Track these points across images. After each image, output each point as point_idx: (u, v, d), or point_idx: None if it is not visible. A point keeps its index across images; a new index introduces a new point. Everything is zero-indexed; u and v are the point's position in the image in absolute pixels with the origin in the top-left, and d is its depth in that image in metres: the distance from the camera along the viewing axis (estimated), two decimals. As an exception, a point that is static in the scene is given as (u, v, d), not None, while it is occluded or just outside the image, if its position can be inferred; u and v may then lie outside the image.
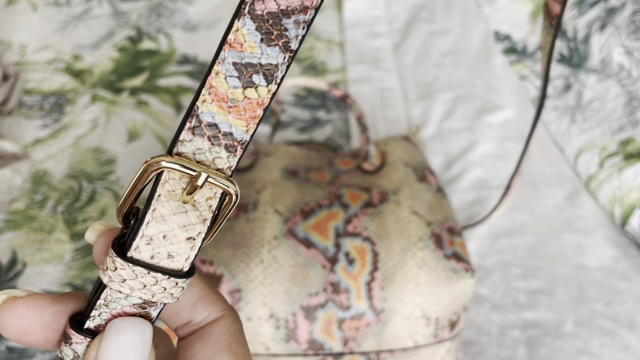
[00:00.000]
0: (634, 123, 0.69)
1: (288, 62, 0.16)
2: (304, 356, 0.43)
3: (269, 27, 0.16)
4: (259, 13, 0.16)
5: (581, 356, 0.53)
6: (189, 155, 0.17)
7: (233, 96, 0.16)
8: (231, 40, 0.16)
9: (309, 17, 0.16)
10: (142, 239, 0.17)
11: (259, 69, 0.16)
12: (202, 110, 0.17)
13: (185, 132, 0.17)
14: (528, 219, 0.66)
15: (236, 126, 0.17)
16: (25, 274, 0.60)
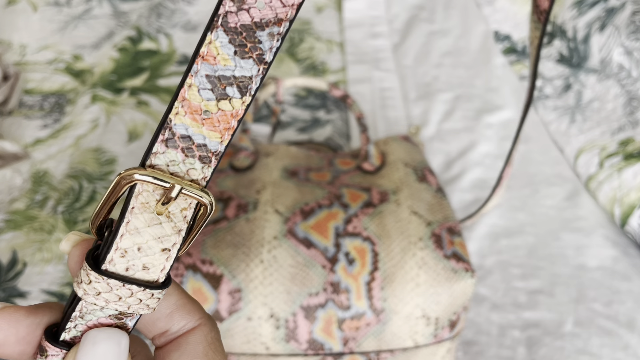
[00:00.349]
0: (633, 123, 0.69)
1: (262, 73, 0.16)
2: (304, 356, 0.43)
3: (243, 40, 0.16)
4: (232, 25, 0.15)
5: (581, 356, 0.53)
6: (162, 167, 0.17)
7: (207, 108, 0.16)
8: (204, 53, 0.16)
9: (283, 30, 0.16)
10: (116, 252, 0.17)
11: (233, 81, 0.16)
12: (175, 122, 0.17)
13: (158, 144, 0.17)
14: (528, 219, 0.66)
15: (210, 138, 0.17)
16: (26, 273, 0.60)
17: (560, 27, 0.81)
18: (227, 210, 0.45)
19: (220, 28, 0.15)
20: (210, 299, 0.41)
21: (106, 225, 0.18)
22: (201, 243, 0.43)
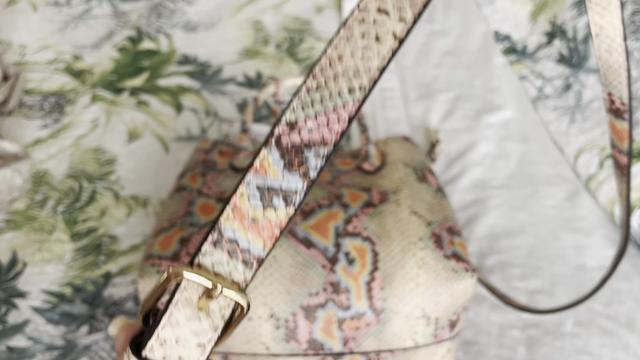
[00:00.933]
0: (633, 123, 0.69)
1: (306, 189, 0.18)
2: (304, 356, 0.43)
3: (292, 157, 0.18)
4: (285, 144, 0.18)
5: (581, 356, 0.53)
6: (208, 267, 0.18)
7: (254, 216, 0.18)
8: (257, 166, 0.18)
9: (328, 151, 0.18)
10: (156, 340, 0.18)
11: (280, 193, 0.18)
12: (224, 226, 0.18)
13: (207, 245, 0.18)
14: (528, 219, 0.66)
15: (254, 243, 0.18)
16: (26, 273, 0.60)
17: (560, 27, 0.81)
18: (227, 210, 0.45)
19: (274, 146, 0.18)
20: (210, 299, 0.41)
21: (152, 313, 0.20)
22: (201, 243, 0.43)
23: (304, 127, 0.18)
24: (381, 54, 0.18)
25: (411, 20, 0.18)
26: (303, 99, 0.18)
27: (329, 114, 0.18)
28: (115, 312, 0.57)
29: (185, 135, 0.76)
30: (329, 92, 0.18)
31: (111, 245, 0.63)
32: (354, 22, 0.18)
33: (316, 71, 0.18)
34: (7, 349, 0.54)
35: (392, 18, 0.18)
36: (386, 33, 0.18)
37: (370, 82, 0.18)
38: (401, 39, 0.18)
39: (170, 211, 0.47)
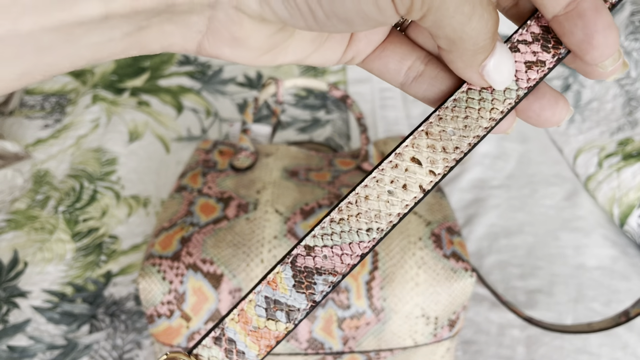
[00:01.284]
0: (632, 123, 0.69)
1: (309, 309, 0.19)
2: (304, 355, 0.44)
3: (302, 278, 0.19)
4: (298, 265, 0.19)
5: (580, 355, 0.53)
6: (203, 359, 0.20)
7: (256, 323, 0.20)
8: (270, 279, 0.19)
9: (336, 280, 0.19)
10: None
11: (284, 308, 0.19)
12: (228, 325, 0.20)
13: (209, 339, 0.20)
14: (527, 219, 0.66)
15: (250, 348, 0.20)
16: (27, 273, 0.60)
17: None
18: (227, 210, 0.46)
19: (289, 264, 0.19)
20: (211, 299, 0.42)
21: None
22: (202, 243, 0.43)
23: (320, 254, 0.19)
24: (404, 203, 0.20)
25: (440, 174, 0.20)
26: (325, 228, 0.20)
27: (344, 247, 0.19)
28: (116, 312, 0.57)
29: (186, 135, 0.77)
30: (349, 227, 0.20)
31: (112, 244, 0.63)
32: (387, 165, 0.20)
33: (343, 206, 0.20)
34: (8, 348, 0.54)
35: (423, 169, 0.20)
36: (414, 183, 0.20)
37: (388, 226, 0.20)
38: (426, 191, 0.20)
39: (171, 211, 0.47)
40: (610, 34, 0.18)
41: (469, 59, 0.19)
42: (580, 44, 0.19)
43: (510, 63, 0.19)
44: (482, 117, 0.20)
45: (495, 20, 0.18)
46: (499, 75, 0.19)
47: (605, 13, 0.18)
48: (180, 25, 0.18)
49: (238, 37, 0.19)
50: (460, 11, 0.17)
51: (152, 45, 0.18)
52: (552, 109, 0.21)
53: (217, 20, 0.18)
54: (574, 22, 0.18)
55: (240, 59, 0.20)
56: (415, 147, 0.20)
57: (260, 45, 0.20)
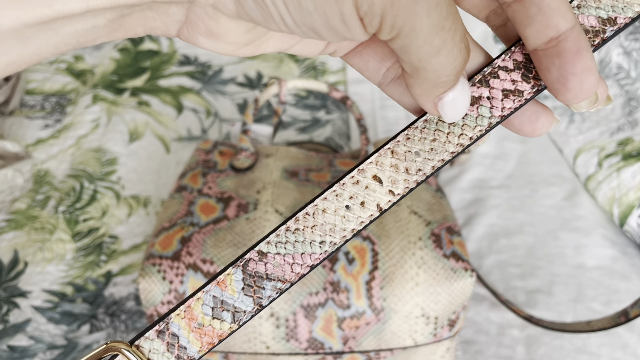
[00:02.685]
0: (632, 123, 0.69)
1: (254, 312, 0.20)
2: (304, 355, 0.44)
3: (252, 282, 0.20)
4: (249, 269, 0.20)
5: (580, 355, 0.53)
6: (144, 351, 0.20)
7: (202, 321, 0.20)
8: (220, 279, 0.20)
9: (285, 287, 0.20)
10: None
11: (230, 308, 0.20)
12: (173, 320, 0.20)
13: (152, 332, 0.20)
14: (527, 219, 0.66)
15: (192, 344, 0.20)
16: (27, 273, 0.60)
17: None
18: (227, 210, 0.46)
19: (240, 268, 0.20)
20: (211, 298, 0.42)
21: None
22: (202, 243, 0.43)
23: (271, 260, 0.20)
24: (360, 219, 0.20)
25: (400, 195, 0.20)
26: (280, 236, 0.20)
27: (296, 257, 0.20)
28: (116, 312, 0.57)
29: (186, 136, 0.77)
30: (303, 238, 0.20)
31: (112, 244, 0.63)
32: (348, 181, 0.20)
33: (300, 216, 0.20)
34: (9, 348, 0.54)
35: (383, 188, 0.20)
36: (372, 201, 0.20)
37: (341, 241, 0.20)
38: (382, 210, 0.20)
39: (171, 211, 0.47)
40: (587, 78, 0.18)
41: (427, 89, 0.18)
42: (555, 83, 0.18)
43: (467, 99, 0.19)
44: (449, 141, 0.20)
45: (465, 58, 0.17)
46: (453, 110, 0.19)
47: (586, 56, 0.17)
48: (160, 13, 0.18)
49: (215, 32, 0.19)
50: (429, 43, 0.16)
51: (136, 29, 0.18)
52: (532, 125, 0.20)
53: (195, 14, 0.18)
54: (552, 59, 0.18)
55: (218, 50, 0.20)
56: (379, 165, 0.20)
57: (238, 40, 0.20)
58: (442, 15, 0.16)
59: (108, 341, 0.20)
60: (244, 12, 0.17)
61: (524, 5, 0.18)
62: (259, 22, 0.17)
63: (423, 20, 0.15)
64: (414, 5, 0.15)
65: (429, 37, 0.16)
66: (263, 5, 0.16)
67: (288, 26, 0.17)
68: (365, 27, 0.16)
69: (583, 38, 0.18)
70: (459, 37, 0.17)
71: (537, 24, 0.18)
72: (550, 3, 0.18)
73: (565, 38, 0.18)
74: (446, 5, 0.16)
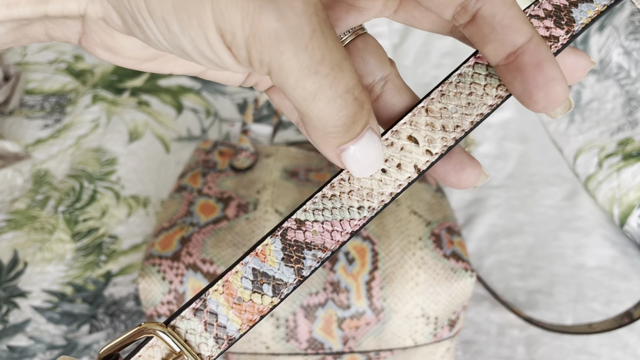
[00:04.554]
0: (632, 123, 0.69)
1: (296, 284, 0.19)
2: (304, 355, 0.44)
3: (292, 252, 0.19)
4: (289, 238, 0.19)
5: (580, 355, 0.53)
6: (181, 332, 0.19)
7: (241, 295, 0.19)
8: (259, 250, 0.19)
9: (325, 256, 0.19)
10: None
11: (271, 281, 0.19)
12: (211, 297, 0.19)
13: (188, 311, 0.19)
14: (527, 219, 0.66)
15: (232, 322, 0.19)
16: (27, 273, 0.60)
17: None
18: (227, 210, 0.46)
19: (279, 237, 0.19)
20: (211, 298, 0.42)
21: (112, 358, 0.19)
22: (202, 243, 0.43)
23: (310, 228, 0.19)
24: (397, 182, 0.19)
25: (438, 154, 0.19)
26: (317, 203, 0.19)
27: (334, 224, 0.19)
28: (116, 312, 0.57)
29: (186, 136, 0.77)
30: (340, 204, 0.19)
31: (112, 244, 0.63)
32: (382, 144, 0.19)
33: (335, 182, 0.19)
34: (8, 348, 0.54)
35: (420, 148, 0.19)
36: (409, 163, 0.19)
37: (379, 205, 0.19)
38: (421, 171, 0.19)
39: (171, 211, 0.47)
40: (552, 89, 0.17)
41: (320, 137, 0.17)
42: (521, 97, 0.18)
43: (374, 156, 0.17)
44: (487, 94, 0.19)
45: (353, 111, 0.16)
46: (356, 165, 0.17)
47: (548, 66, 0.17)
48: (59, 24, 0.18)
49: (111, 46, 0.19)
50: (301, 86, 0.15)
51: (40, 37, 0.18)
52: (457, 175, 0.20)
53: (89, 28, 0.18)
54: (513, 74, 0.18)
55: (118, 63, 0.20)
56: (414, 125, 0.19)
57: (136, 55, 0.19)
58: (314, 59, 0.15)
59: (142, 323, 0.19)
60: (129, 29, 0.17)
61: (478, 26, 0.18)
62: (143, 41, 0.17)
63: (290, 61, 0.15)
64: (278, 43, 0.14)
65: (300, 80, 0.15)
66: (138, 23, 0.16)
67: (165, 47, 0.16)
68: (236, 58, 0.15)
69: (543, 49, 0.17)
70: (343, 87, 0.15)
71: (493, 42, 0.18)
72: (501, 20, 0.18)
73: (523, 52, 0.17)
74: (321, 50, 0.15)
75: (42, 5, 0.17)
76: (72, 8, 0.17)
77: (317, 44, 0.15)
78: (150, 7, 0.15)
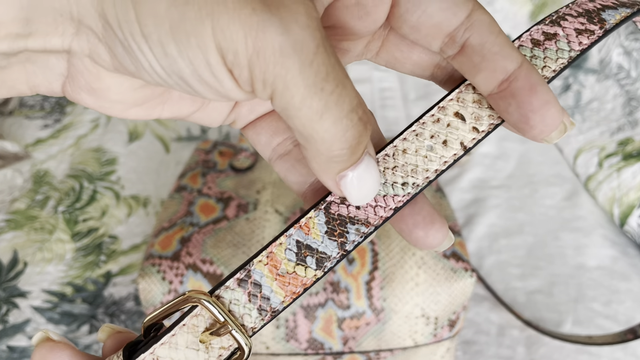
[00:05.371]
0: (632, 123, 0.69)
1: (339, 258, 0.19)
2: (304, 355, 0.43)
3: (335, 225, 0.19)
4: (332, 212, 0.19)
5: (580, 355, 0.53)
6: (225, 302, 0.19)
7: (285, 267, 0.19)
8: (302, 223, 0.19)
9: (368, 231, 0.19)
10: (150, 355, 0.18)
11: (315, 253, 0.19)
12: (255, 267, 0.19)
13: (232, 281, 0.19)
14: (527, 219, 0.66)
15: (276, 294, 0.19)
16: (26, 273, 0.60)
17: (559, 27, 0.81)
18: (227, 210, 0.46)
19: (323, 211, 0.19)
20: (211, 299, 0.42)
21: (155, 327, 0.19)
22: (202, 243, 0.43)
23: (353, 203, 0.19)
24: (443, 159, 0.19)
25: (484, 132, 0.19)
26: None
27: (378, 199, 0.19)
28: (116, 312, 0.57)
29: (186, 136, 0.77)
30: (384, 180, 0.19)
31: (112, 245, 0.63)
32: (429, 120, 0.19)
33: (379, 157, 0.19)
34: (8, 348, 0.54)
35: (466, 125, 0.19)
36: (455, 139, 0.19)
37: (424, 182, 0.19)
38: (467, 149, 0.19)
39: (171, 211, 0.47)
40: (548, 111, 0.17)
41: (323, 163, 0.16)
42: (517, 123, 0.18)
43: (373, 182, 0.17)
44: None
45: (359, 131, 0.16)
46: (357, 192, 0.17)
47: (541, 89, 0.17)
48: (40, 66, 0.17)
49: (96, 88, 0.18)
50: (307, 105, 0.15)
51: (20, 87, 0.17)
52: (426, 229, 0.20)
53: (75, 67, 0.17)
54: (508, 101, 0.17)
55: (103, 109, 0.19)
56: (461, 101, 0.19)
57: (123, 98, 0.18)
58: (319, 76, 0.14)
59: (187, 291, 0.18)
60: (117, 62, 0.16)
61: (467, 55, 0.18)
62: (133, 73, 0.16)
63: (296, 78, 0.14)
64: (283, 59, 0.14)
65: (306, 98, 0.14)
66: (131, 51, 0.15)
67: (160, 75, 0.16)
68: (237, 81, 0.15)
69: (534, 73, 0.17)
70: (348, 106, 0.15)
71: (484, 70, 0.18)
72: (491, 48, 0.17)
73: (515, 78, 0.17)
74: (326, 66, 0.14)
75: (21, 40, 0.16)
76: (55, 43, 0.16)
77: (322, 59, 0.14)
78: (145, 31, 0.14)
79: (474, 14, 0.18)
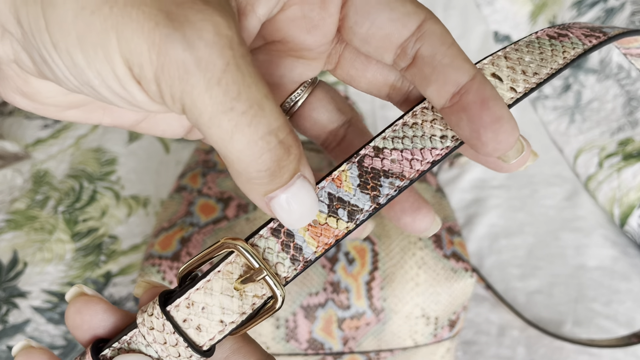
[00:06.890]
0: (633, 123, 0.69)
1: (372, 211, 0.18)
2: (304, 355, 0.43)
3: (368, 179, 0.19)
4: (365, 165, 0.19)
5: (580, 355, 0.53)
6: (259, 250, 0.19)
7: (317, 218, 0.18)
8: (335, 175, 0.19)
9: (403, 185, 0.18)
10: (185, 300, 0.18)
11: (347, 206, 0.19)
12: None
13: (266, 229, 0.19)
14: (527, 219, 0.66)
15: (308, 244, 0.19)
16: (26, 273, 0.60)
17: (559, 27, 0.81)
18: (227, 210, 0.46)
19: (355, 164, 0.19)
20: (211, 299, 0.42)
21: (191, 277, 0.19)
22: (202, 243, 0.43)
23: (388, 156, 0.19)
24: None
25: (521, 93, 0.19)
26: (397, 131, 0.19)
27: (415, 152, 0.19)
28: (116, 312, 0.57)
29: (186, 136, 0.77)
30: (422, 132, 0.19)
31: (112, 245, 0.63)
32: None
33: (417, 110, 0.19)
34: (8, 348, 0.54)
35: (504, 85, 0.19)
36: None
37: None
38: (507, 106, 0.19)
39: (171, 211, 0.47)
40: (500, 128, 0.16)
41: (244, 184, 0.16)
42: (469, 139, 0.17)
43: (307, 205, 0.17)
44: (555, 55, 0.19)
45: (279, 155, 0.15)
46: (287, 215, 0.17)
47: (493, 105, 0.16)
48: None
49: (26, 92, 0.17)
50: (216, 124, 0.14)
51: None
52: (413, 215, 0.20)
53: (3, 72, 0.17)
54: (459, 115, 0.17)
55: (39, 112, 0.18)
56: (496, 65, 0.19)
57: (56, 101, 0.18)
58: (229, 95, 0.14)
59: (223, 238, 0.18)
60: (39, 70, 0.16)
61: (418, 67, 0.18)
62: (54, 82, 0.16)
63: (202, 95, 0.14)
64: (187, 75, 0.13)
65: (214, 117, 0.14)
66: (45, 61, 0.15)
67: (75, 85, 0.15)
68: (147, 93, 0.14)
69: (487, 87, 0.17)
70: (265, 128, 0.14)
71: (435, 82, 0.17)
72: (442, 59, 0.17)
73: (467, 91, 0.17)
74: (237, 85, 0.14)
75: None
76: None
77: (232, 78, 0.14)
78: (54, 39, 0.14)
79: (425, 24, 0.17)
